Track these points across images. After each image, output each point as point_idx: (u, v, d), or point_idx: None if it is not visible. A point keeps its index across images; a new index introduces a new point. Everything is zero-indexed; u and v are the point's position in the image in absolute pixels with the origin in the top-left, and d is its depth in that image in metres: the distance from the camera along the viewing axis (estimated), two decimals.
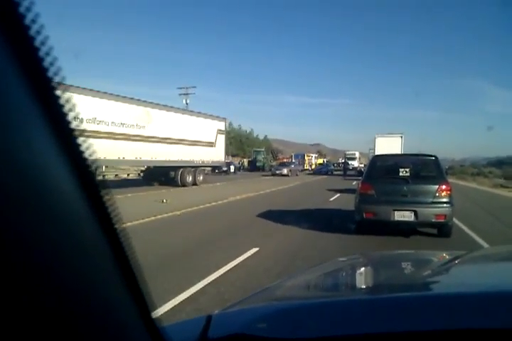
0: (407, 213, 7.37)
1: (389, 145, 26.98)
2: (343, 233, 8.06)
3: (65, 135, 0.47)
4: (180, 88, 49.01)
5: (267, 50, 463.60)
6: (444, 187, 7.43)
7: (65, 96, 0.46)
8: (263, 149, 56.75)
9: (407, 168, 7.83)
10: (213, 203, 13.54)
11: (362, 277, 1.96)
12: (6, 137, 0.39)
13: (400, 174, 7.77)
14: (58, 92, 0.45)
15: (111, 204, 0.56)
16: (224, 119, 30.22)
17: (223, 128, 29.21)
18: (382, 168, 8.22)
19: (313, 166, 57.42)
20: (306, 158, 59.42)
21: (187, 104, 47.88)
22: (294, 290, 1.74)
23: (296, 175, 39.45)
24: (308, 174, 46.61)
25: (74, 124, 0.48)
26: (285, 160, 57.83)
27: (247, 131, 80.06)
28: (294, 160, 54.95)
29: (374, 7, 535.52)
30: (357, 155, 54.91)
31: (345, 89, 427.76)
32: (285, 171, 38.63)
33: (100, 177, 0.54)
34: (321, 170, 49.01)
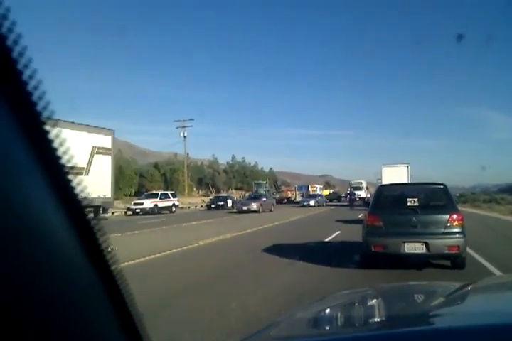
0: (418, 245, 7.15)
1: (395, 174, 27.69)
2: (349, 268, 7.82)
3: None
4: (178, 121, 49.15)
5: (268, 86, 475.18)
6: (455, 216, 7.24)
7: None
8: (265, 181, 55.12)
9: (415, 197, 7.69)
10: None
11: (370, 310, 1.94)
12: (4, 186, 0.40)
13: (408, 204, 7.60)
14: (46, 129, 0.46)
15: (106, 246, 0.56)
16: (110, 131, 21.34)
17: (108, 146, 20.88)
18: (389, 197, 8.11)
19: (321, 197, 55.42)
20: (310, 189, 56.82)
21: (184, 137, 48.72)
22: (300, 327, 1.73)
23: (270, 210, 31.48)
24: (301, 206, 41.17)
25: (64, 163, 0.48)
26: (289, 192, 56.90)
27: (251, 164, 79.75)
28: (297, 192, 54.52)
29: (374, 39, 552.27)
30: (364, 184, 52.95)
31: (348, 121, 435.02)
32: (254, 206, 29.89)
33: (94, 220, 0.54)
34: (303, 203, 44.22)
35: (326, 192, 58.88)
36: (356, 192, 48.09)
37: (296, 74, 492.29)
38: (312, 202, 40.92)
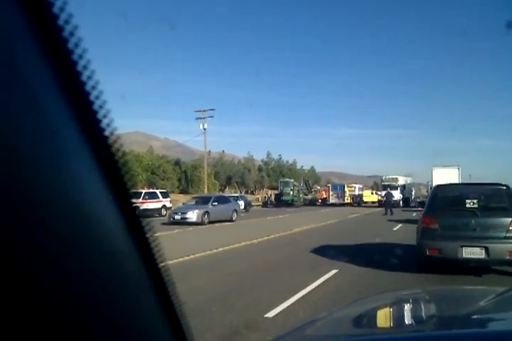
0: (476, 250, 7.11)
1: (446, 176, 27.80)
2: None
3: (110, 174, 0.54)
4: (198, 111, 45.09)
5: (318, 85, 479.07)
6: None
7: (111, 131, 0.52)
8: (292, 180, 49.71)
9: (474, 198, 7.62)
10: None
11: (407, 312, 2.03)
12: (60, 176, 0.45)
13: (467, 205, 7.56)
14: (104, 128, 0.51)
15: (153, 241, 0.61)
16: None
17: None
18: (445, 198, 8.06)
19: (361, 199, 46.93)
20: (346, 189, 49.04)
21: (204, 129, 44.64)
22: (336, 326, 1.82)
23: (231, 219, 22.48)
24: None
25: (121, 164, 0.54)
26: (324, 192, 51.56)
27: (289, 162, 77.99)
28: (331, 192, 48.64)
29: (426, 39, 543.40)
30: (402, 181, 43.60)
31: (402, 120, 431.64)
32: (193, 217, 20.08)
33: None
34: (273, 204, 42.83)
35: (368, 192, 49.24)
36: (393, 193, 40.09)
37: (345, 72, 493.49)
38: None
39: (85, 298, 0.47)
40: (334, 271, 8.23)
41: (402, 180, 44.39)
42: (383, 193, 35.67)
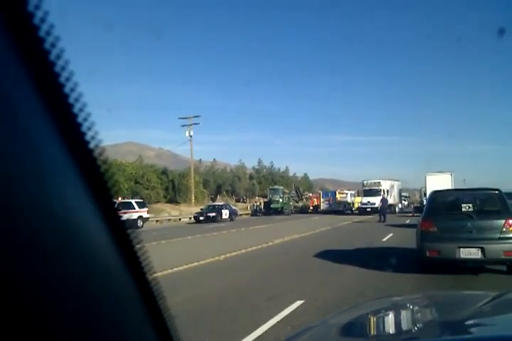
0: (473, 250, 7.74)
1: (439, 182, 29.07)
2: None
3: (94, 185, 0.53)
4: (183, 118, 45.62)
5: (310, 92, 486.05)
6: (511, 221, 7.83)
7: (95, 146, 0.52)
8: (281, 187, 49.03)
9: (469, 203, 8.28)
10: None
11: (401, 319, 2.07)
12: (45, 193, 0.45)
13: (463, 209, 8.21)
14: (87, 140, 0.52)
15: (142, 253, 0.62)
16: None
17: None
18: (442, 203, 8.72)
19: (352, 205, 44.95)
20: (338, 195, 47.30)
21: (190, 136, 44.64)
22: (337, 332, 1.84)
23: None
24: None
25: (105, 175, 0.55)
26: (315, 199, 49.48)
27: (280, 169, 77.56)
28: (322, 199, 46.98)
29: (420, 44, 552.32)
30: (386, 185, 40.25)
31: (395, 126, 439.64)
32: None
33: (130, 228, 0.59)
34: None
35: (358, 199, 45.11)
36: (367, 199, 38.37)
37: (338, 79, 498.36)
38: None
39: (73, 313, 0.47)
40: (299, 303, 6.42)
41: (386, 185, 40.91)
42: (371, 199, 36.21)
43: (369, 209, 37.64)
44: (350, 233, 20.08)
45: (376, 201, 34.68)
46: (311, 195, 56.58)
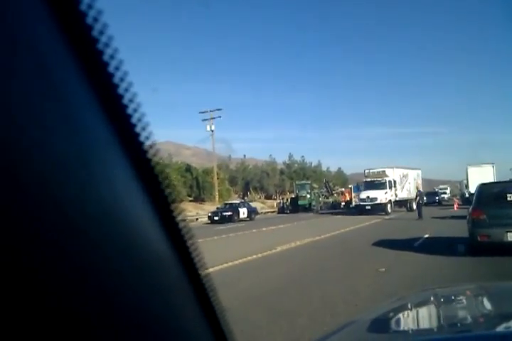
0: None
1: (481, 174, 29.28)
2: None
3: (149, 182, 0.56)
4: (203, 112, 45.11)
5: (348, 83, 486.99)
6: None
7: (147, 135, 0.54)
8: (309, 182, 46.49)
9: None
10: None
11: (449, 311, 2.06)
12: (104, 190, 0.46)
13: (508, 199, 9.91)
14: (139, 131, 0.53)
15: (194, 248, 0.65)
16: None
17: None
18: (490, 194, 10.37)
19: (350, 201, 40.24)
20: None
21: (212, 131, 44.26)
22: (375, 328, 1.84)
23: None
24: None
25: (158, 171, 0.57)
26: (346, 193, 45.73)
27: (313, 164, 73.75)
28: (354, 194, 41.02)
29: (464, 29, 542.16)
30: (395, 175, 33.22)
31: (438, 118, 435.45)
32: None
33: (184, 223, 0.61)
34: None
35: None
36: (367, 194, 30.93)
37: (378, 69, 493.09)
38: None
39: (125, 304, 0.48)
40: None
41: (394, 174, 33.51)
42: (372, 193, 30.00)
43: (369, 207, 30.43)
44: (375, 234, 16.60)
45: (379, 195, 29.85)
46: (342, 189, 52.11)
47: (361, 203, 31.56)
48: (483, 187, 10.80)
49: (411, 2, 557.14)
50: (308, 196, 42.82)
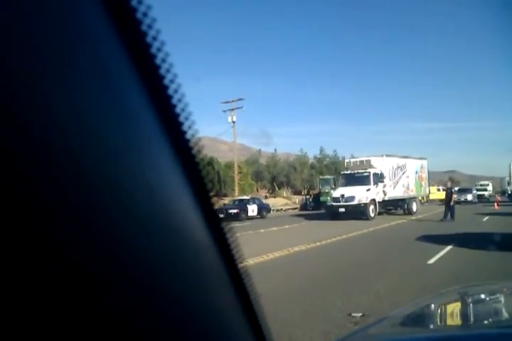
0: None
1: None
2: None
3: (191, 169, 0.59)
4: (225, 102, 43.33)
5: (387, 76, 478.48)
6: None
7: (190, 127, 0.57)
8: (333, 176, 40.77)
9: None
10: None
11: (483, 308, 2.09)
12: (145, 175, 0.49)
13: None
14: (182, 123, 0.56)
15: (233, 239, 0.66)
16: None
17: None
18: None
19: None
20: None
21: (233, 122, 42.70)
22: (408, 324, 1.92)
23: None
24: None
25: (199, 160, 0.60)
26: None
27: (344, 158, 67.65)
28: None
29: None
30: (383, 166, 25.46)
31: (482, 111, 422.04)
32: None
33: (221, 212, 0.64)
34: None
35: (433, 188, 38.05)
36: (342, 191, 24.17)
37: (415, 61, 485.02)
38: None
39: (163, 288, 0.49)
40: None
41: (383, 165, 25.49)
42: (349, 191, 23.64)
43: (342, 210, 23.28)
44: (385, 243, 13.71)
45: (357, 194, 23.12)
46: None
47: (334, 204, 24.03)
48: None
49: None
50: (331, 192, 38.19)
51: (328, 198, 33.88)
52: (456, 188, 40.95)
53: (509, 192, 32.10)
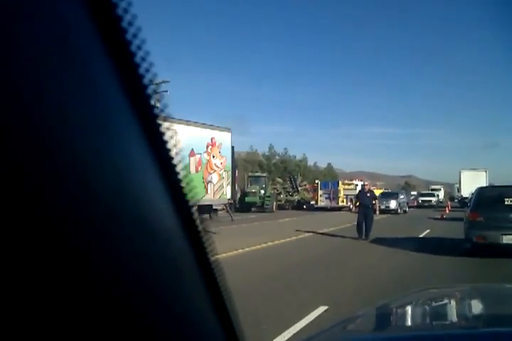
0: None
1: (474, 179, 29.54)
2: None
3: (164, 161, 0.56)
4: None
5: (347, 82, 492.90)
6: None
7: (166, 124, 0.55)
8: (265, 174, 38.91)
9: (511, 197, 10.38)
10: None
11: (452, 309, 2.23)
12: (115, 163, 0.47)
13: (505, 203, 10.44)
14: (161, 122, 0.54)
15: (205, 233, 0.65)
16: None
17: None
18: (487, 198, 10.98)
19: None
20: (340, 187, 38.19)
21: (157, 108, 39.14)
22: (376, 323, 2.02)
23: None
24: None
25: (173, 152, 0.56)
26: (310, 191, 42.58)
27: (296, 157, 59.93)
28: (320, 192, 38.86)
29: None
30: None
31: (437, 119, 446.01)
32: None
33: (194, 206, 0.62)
34: None
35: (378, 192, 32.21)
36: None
37: (374, 69, 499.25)
38: None
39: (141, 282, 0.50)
40: None
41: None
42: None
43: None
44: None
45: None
46: (308, 185, 45.34)
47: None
48: (481, 191, 11.46)
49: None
50: (262, 192, 34.39)
51: (261, 198, 34.05)
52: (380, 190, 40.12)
53: (459, 198, 34.08)
